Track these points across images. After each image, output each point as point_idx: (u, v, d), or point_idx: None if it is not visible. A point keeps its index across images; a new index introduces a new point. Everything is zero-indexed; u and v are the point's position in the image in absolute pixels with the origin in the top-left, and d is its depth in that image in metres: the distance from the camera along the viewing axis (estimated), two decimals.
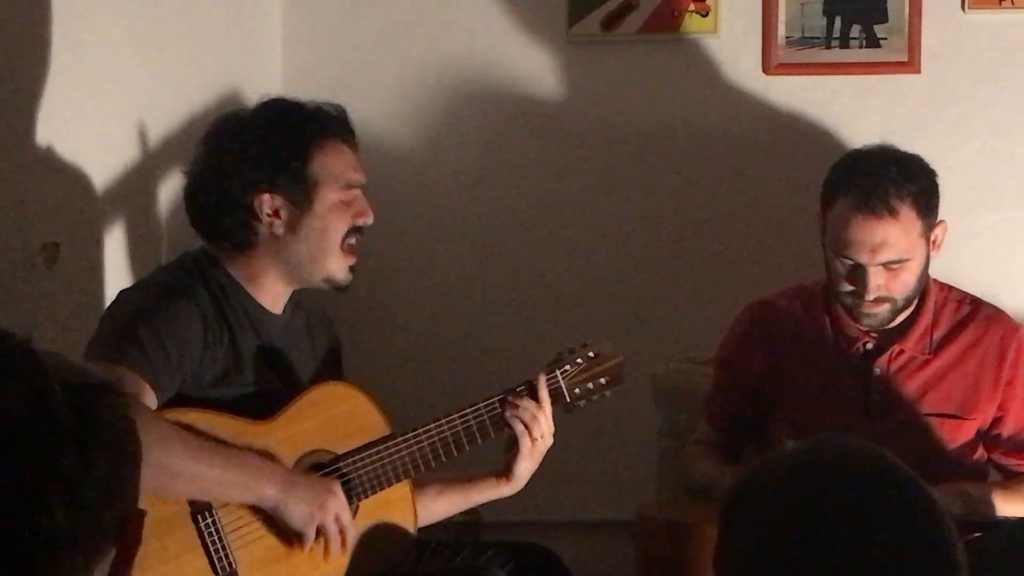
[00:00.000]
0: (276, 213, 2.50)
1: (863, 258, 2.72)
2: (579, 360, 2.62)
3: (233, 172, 2.49)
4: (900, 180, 2.72)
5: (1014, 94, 3.33)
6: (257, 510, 2.39)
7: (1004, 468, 2.87)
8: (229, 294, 2.51)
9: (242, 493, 2.35)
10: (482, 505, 2.79)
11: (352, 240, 2.55)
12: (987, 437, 2.85)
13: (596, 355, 2.63)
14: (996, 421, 2.84)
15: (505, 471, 2.61)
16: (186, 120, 3.04)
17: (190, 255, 2.57)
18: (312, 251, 2.52)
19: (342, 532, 2.43)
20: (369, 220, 2.56)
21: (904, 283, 2.76)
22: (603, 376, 2.63)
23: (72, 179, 2.74)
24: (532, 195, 3.52)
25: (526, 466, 2.60)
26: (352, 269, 2.56)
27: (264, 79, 3.44)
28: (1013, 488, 2.81)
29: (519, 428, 2.55)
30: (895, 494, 1.31)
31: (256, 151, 2.50)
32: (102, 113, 2.82)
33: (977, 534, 2.64)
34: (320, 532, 2.41)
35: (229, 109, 2.71)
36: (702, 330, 3.35)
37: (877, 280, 2.73)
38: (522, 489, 2.65)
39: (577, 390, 2.62)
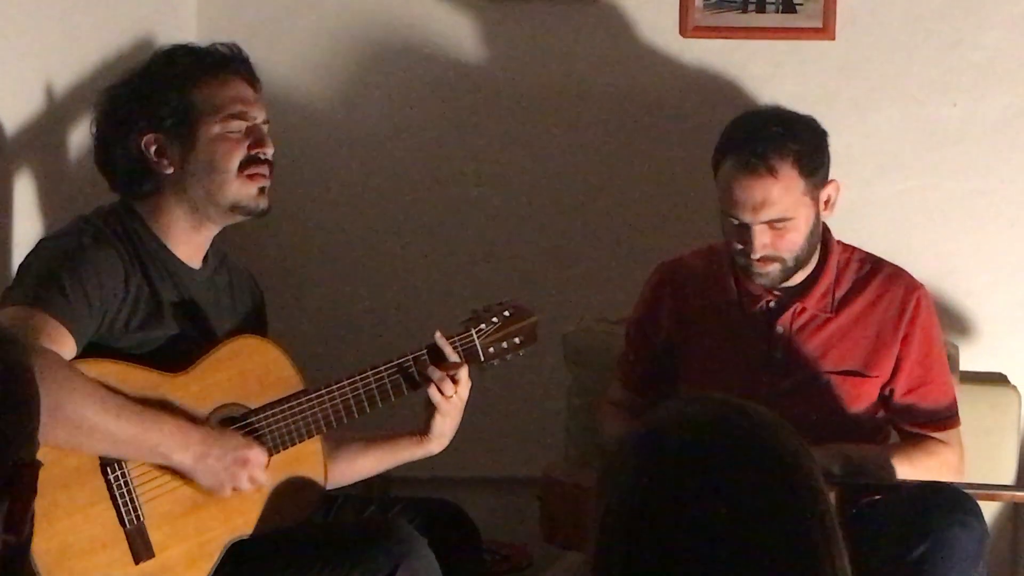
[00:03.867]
0: (163, 152, 2.49)
1: (746, 217, 2.76)
2: (494, 319, 2.62)
3: (119, 118, 2.50)
4: (781, 140, 2.75)
5: (925, 64, 3.36)
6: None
7: (900, 431, 2.90)
8: (147, 245, 2.50)
9: (152, 456, 2.34)
10: None
11: (257, 170, 2.52)
12: (885, 397, 2.87)
13: (511, 314, 2.64)
14: (892, 377, 2.86)
15: (424, 429, 2.62)
16: (99, 66, 2.99)
17: (110, 207, 2.56)
18: (206, 184, 2.50)
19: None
20: (267, 151, 2.53)
21: (791, 242, 2.78)
22: (517, 336, 2.64)
23: None
24: (446, 153, 3.50)
25: (444, 423, 2.61)
26: (263, 192, 2.53)
27: (178, 26, 3.39)
28: (903, 451, 2.82)
29: (428, 385, 2.56)
30: (748, 454, 1.26)
31: (136, 93, 2.50)
32: (11, 59, 2.76)
33: (877, 497, 2.69)
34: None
35: (141, 54, 2.68)
36: (613, 289, 3.36)
37: (763, 239, 2.77)
38: None
39: (491, 349, 2.62)
